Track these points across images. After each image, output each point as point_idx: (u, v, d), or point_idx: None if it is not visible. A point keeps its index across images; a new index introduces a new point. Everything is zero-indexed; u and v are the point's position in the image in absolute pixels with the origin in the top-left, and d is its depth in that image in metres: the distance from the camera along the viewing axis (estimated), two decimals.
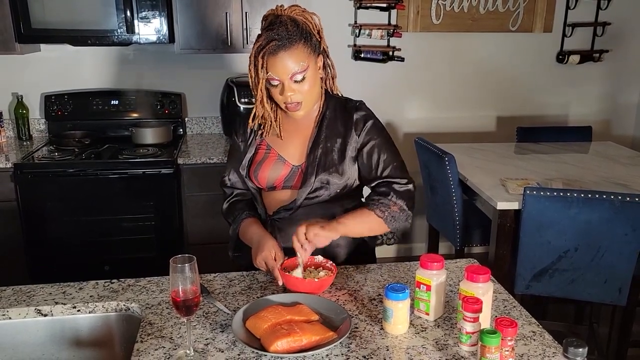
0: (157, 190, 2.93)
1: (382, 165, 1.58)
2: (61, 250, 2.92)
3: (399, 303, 1.26)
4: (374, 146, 1.58)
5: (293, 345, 1.19)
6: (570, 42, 3.74)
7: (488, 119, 3.86)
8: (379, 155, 1.58)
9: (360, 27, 3.48)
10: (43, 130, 3.40)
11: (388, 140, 1.61)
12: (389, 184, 1.57)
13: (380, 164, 1.58)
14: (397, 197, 1.56)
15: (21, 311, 1.41)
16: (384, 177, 1.57)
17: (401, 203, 1.56)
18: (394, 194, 1.56)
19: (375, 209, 1.54)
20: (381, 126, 1.62)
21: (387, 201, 1.55)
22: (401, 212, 1.56)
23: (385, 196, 1.56)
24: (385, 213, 1.54)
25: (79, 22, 2.91)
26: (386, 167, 1.58)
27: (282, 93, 1.48)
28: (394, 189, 1.56)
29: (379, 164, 1.58)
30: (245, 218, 1.65)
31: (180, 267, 1.17)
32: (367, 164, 1.59)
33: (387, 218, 1.54)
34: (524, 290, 2.40)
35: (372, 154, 1.58)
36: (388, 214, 1.54)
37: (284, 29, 1.44)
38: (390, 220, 1.55)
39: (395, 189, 1.56)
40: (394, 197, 1.55)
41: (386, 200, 1.55)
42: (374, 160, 1.58)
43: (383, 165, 1.58)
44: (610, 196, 2.18)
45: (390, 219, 1.55)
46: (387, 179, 1.57)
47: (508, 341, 1.13)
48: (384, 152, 1.58)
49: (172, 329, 1.31)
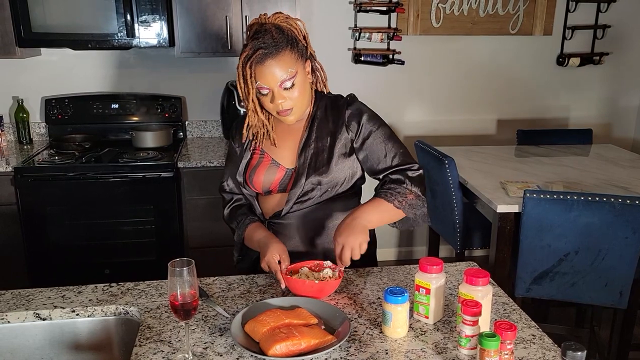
0: (157, 194, 2.93)
1: (390, 154, 1.58)
2: (61, 253, 2.92)
3: (398, 306, 1.26)
4: (376, 137, 1.58)
5: (292, 349, 1.19)
6: (571, 44, 3.75)
7: (488, 122, 3.86)
8: (384, 145, 1.58)
9: (360, 30, 3.48)
10: (43, 134, 3.41)
11: (388, 129, 1.62)
12: (401, 171, 1.56)
13: (388, 152, 1.58)
14: (412, 184, 1.55)
15: (20, 315, 1.40)
16: (395, 165, 1.57)
17: (416, 190, 1.55)
18: (409, 181, 1.55)
19: (393, 200, 1.53)
20: (377, 116, 1.62)
21: (403, 189, 1.54)
22: (417, 199, 1.56)
23: (400, 184, 1.55)
24: (403, 202, 1.53)
25: (79, 26, 2.92)
26: (395, 155, 1.58)
27: (273, 101, 1.48)
28: (408, 175, 1.56)
29: (387, 152, 1.58)
30: (249, 223, 1.64)
31: (178, 271, 1.17)
32: (375, 155, 1.58)
33: (405, 207, 1.54)
34: (524, 293, 2.39)
35: (377, 144, 1.58)
36: (406, 203, 1.54)
37: (269, 37, 1.44)
38: (409, 209, 1.55)
39: (409, 175, 1.56)
40: (410, 184, 1.55)
41: (402, 188, 1.54)
42: (380, 150, 1.58)
43: (392, 153, 1.58)
44: (611, 199, 2.18)
45: (409, 208, 1.55)
46: (399, 167, 1.57)
47: (507, 344, 1.13)
48: (388, 140, 1.59)
49: (171, 332, 1.31)
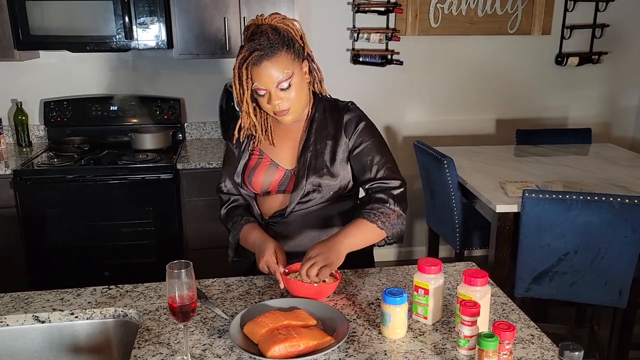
0: (156, 196, 2.93)
1: (375, 167, 1.58)
2: (61, 256, 2.92)
3: (397, 307, 1.26)
4: (366, 148, 1.58)
5: (290, 351, 1.19)
6: (569, 44, 3.75)
7: (487, 122, 3.86)
8: (372, 157, 1.58)
9: (359, 31, 3.48)
10: (42, 137, 3.41)
11: (380, 141, 1.62)
12: (385, 190, 1.56)
13: (373, 165, 1.58)
14: (395, 203, 1.55)
15: (19, 318, 1.40)
16: (377, 178, 1.58)
17: (399, 210, 1.55)
18: (393, 200, 1.55)
19: (376, 220, 1.52)
20: (373, 127, 1.62)
21: (386, 209, 1.54)
22: (398, 218, 1.56)
23: (383, 203, 1.55)
24: (386, 223, 1.53)
25: (77, 28, 2.92)
26: (380, 169, 1.58)
27: (270, 102, 1.49)
28: (392, 194, 1.56)
29: (372, 165, 1.58)
30: (245, 224, 1.64)
31: (176, 273, 1.16)
32: (361, 166, 1.59)
33: (387, 228, 1.54)
34: (524, 293, 2.39)
35: (366, 155, 1.58)
36: (388, 224, 1.54)
37: (265, 39, 1.44)
38: (390, 228, 1.55)
39: (393, 194, 1.56)
40: (393, 204, 1.55)
41: (385, 208, 1.54)
42: (367, 161, 1.58)
43: (377, 167, 1.58)
44: (610, 198, 2.17)
45: (390, 227, 1.55)
46: (381, 181, 1.57)
47: (506, 345, 1.12)
48: (376, 153, 1.59)
49: (170, 334, 1.31)
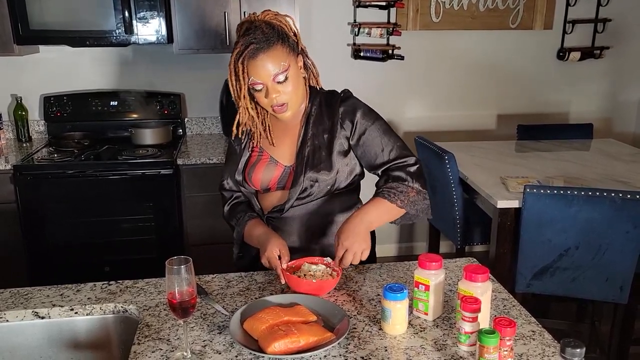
0: (156, 191, 2.92)
1: (387, 148, 1.58)
2: (61, 251, 2.92)
3: (397, 303, 1.25)
4: (372, 132, 1.58)
5: (291, 347, 1.19)
6: (571, 39, 3.73)
7: (488, 117, 3.85)
8: (381, 139, 1.58)
9: (360, 25, 3.47)
10: (42, 132, 3.40)
11: (383, 122, 1.61)
12: (402, 168, 1.56)
13: (385, 147, 1.58)
14: (413, 180, 1.55)
15: (18, 314, 1.40)
16: (392, 159, 1.57)
17: (417, 186, 1.55)
18: (410, 177, 1.54)
19: (395, 200, 1.52)
20: (371, 111, 1.62)
21: (405, 187, 1.53)
22: (419, 195, 1.55)
23: (402, 182, 1.54)
24: (406, 201, 1.53)
25: (77, 23, 2.91)
26: (392, 150, 1.58)
27: (267, 96, 1.48)
28: (409, 172, 1.55)
29: (384, 147, 1.58)
30: (249, 220, 1.64)
31: (176, 269, 1.16)
32: (372, 150, 1.58)
33: (407, 205, 1.54)
34: (524, 289, 2.39)
35: (374, 139, 1.58)
36: (408, 201, 1.53)
37: (260, 32, 1.44)
38: (411, 206, 1.54)
39: (410, 171, 1.55)
40: (411, 181, 1.54)
41: (403, 187, 1.53)
42: (377, 145, 1.58)
43: (389, 147, 1.58)
44: (611, 194, 2.17)
45: (412, 205, 1.54)
46: (396, 161, 1.57)
47: (507, 341, 1.12)
48: (384, 134, 1.58)
49: (170, 330, 1.31)
